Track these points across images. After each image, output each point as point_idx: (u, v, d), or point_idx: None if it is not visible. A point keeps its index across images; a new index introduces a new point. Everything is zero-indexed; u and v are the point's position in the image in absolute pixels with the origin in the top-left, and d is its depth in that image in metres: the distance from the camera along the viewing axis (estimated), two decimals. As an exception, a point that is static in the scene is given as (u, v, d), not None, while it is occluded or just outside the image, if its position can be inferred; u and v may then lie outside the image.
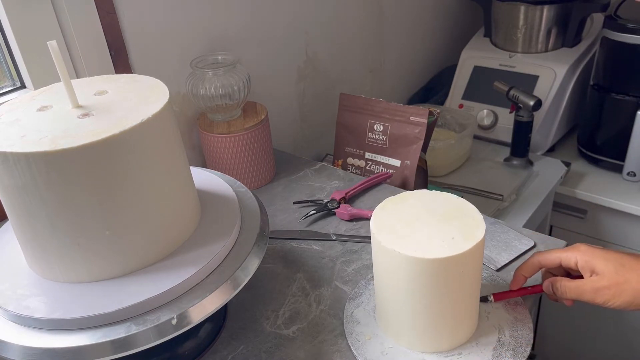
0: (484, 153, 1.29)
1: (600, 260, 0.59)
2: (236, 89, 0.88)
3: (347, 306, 0.67)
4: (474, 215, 0.58)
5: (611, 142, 1.23)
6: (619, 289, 0.57)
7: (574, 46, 1.32)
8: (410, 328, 0.59)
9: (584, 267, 0.60)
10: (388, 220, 0.58)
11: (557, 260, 0.62)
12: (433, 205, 0.60)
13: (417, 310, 0.57)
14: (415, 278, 0.55)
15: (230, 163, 0.90)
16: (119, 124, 0.50)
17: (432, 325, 0.58)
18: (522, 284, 0.65)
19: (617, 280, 0.57)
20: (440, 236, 0.55)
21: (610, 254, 0.59)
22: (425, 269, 0.54)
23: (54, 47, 0.52)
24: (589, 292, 0.58)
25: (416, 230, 0.56)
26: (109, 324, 0.50)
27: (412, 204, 0.60)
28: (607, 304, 0.58)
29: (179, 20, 0.89)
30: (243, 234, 0.61)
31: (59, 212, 0.50)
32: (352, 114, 1.00)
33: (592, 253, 0.60)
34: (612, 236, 1.26)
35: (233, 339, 0.65)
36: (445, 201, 0.60)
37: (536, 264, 0.64)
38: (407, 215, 0.59)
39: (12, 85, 0.78)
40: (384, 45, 1.36)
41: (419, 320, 0.58)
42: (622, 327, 1.32)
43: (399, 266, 0.55)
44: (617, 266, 0.58)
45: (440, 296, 0.56)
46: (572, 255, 0.61)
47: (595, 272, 0.59)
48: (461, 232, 0.55)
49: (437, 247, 0.54)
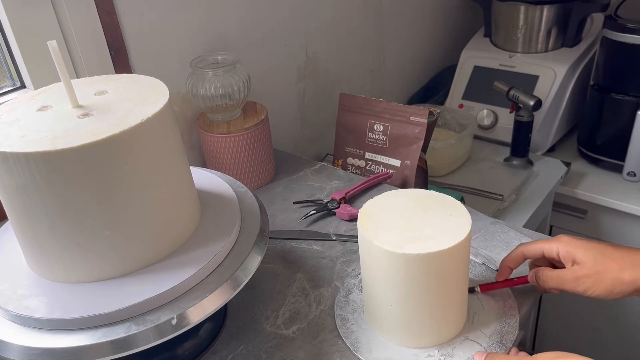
0: (484, 153, 1.29)
1: (581, 250, 0.60)
2: (236, 89, 0.88)
3: (336, 301, 0.67)
4: (460, 212, 0.59)
5: (611, 142, 1.23)
6: (599, 278, 0.58)
7: (574, 46, 1.32)
8: (398, 324, 0.60)
9: (566, 257, 0.61)
10: (375, 216, 0.59)
11: (540, 251, 0.63)
12: (420, 202, 0.61)
13: (405, 306, 0.58)
14: (401, 274, 0.56)
15: (230, 163, 0.90)
16: (119, 124, 0.50)
17: (421, 321, 0.59)
18: (507, 275, 0.66)
19: (597, 269, 0.58)
20: (427, 232, 0.56)
21: (591, 244, 0.60)
22: (412, 265, 0.55)
23: (54, 47, 0.52)
24: (570, 280, 0.60)
25: (403, 227, 0.57)
26: (109, 324, 0.50)
27: (399, 201, 0.61)
28: (588, 292, 0.59)
29: (178, 20, 0.89)
30: (243, 234, 0.61)
31: (58, 212, 0.50)
32: (352, 114, 1.00)
33: (573, 243, 0.61)
34: (612, 236, 1.26)
35: (233, 339, 0.65)
36: (431, 198, 0.61)
37: (520, 255, 0.65)
38: (394, 212, 0.60)
39: (12, 85, 0.78)
40: (384, 45, 1.36)
41: (407, 316, 0.59)
42: (622, 327, 1.32)
43: (386, 263, 0.56)
44: (597, 255, 0.59)
45: (428, 292, 0.57)
46: (554, 245, 0.62)
47: (576, 261, 0.60)
48: (448, 228, 0.56)
49: (424, 242, 0.55)
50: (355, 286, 0.69)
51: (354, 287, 0.69)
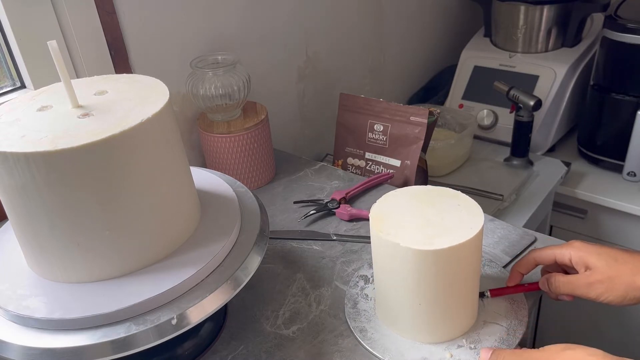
0: (484, 153, 1.29)
1: (593, 256, 0.59)
2: (236, 89, 0.88)
3: (347, 314, 0.66)
4: (471, 207, 0.58)
5: (611, 142, 1.23)
6: (612, 283, 0.57)
7: (574, 46, 1.32)
8: (426, 322, 0.60)
9: (578, 263, 0.60)
10: (387, 213, 0.59)
11: (552, 257, 0.63)
12: (424, 198, 0.61)
13: (434, 302, 0.58)
14: (415, 270, 0.56)
15: (230, 163, 0.90)
16: (119, 124, 0.50)
17: (449, 314, 0.59)
18: (518, 280, 0.66)
19: (610, 274, 0.57)
20: (447, 224, 0.56)
21: (604, 249, 0.60)
22: (424, 261, 0.55)
23: (54, 47, 0.52)
24: (582, 286, 0.59)
25: (414, 223, 0.57)
26: (109, 324, 0.50)
27: (405, 200, 0.61)
28: (601, 298, 0.58)
29: (178, 20, 0.89)
30: (243, 234, 0.61)
31: (58, 212, 0.50)
32: (352, 114, 1.00)
33: (585, 249, 0.60)
34: (612, 236, 1.26)
35: (233, 339, 0.65)
36: (432, 192, 0.62)
37: (532, 260, 0.64)
38: (405, 208, 0.60)
39: (12, 85, 0.78)
40: (384, 45, 1.36)
41: (435, 313, 0.59)
42: (622, 328, 1.32)
43: (398, 258, 0.56)
44: (609, 260, 0.58)
45: (456, 284, 0.57)
46: (567, 251, 0.61)
47: (588, 267, 0.59)
48: (463, 217, 0.56)
49: (451, 235, 0.55)
50: (359, 295, 0.68)
51: (359, 297, 0.68)
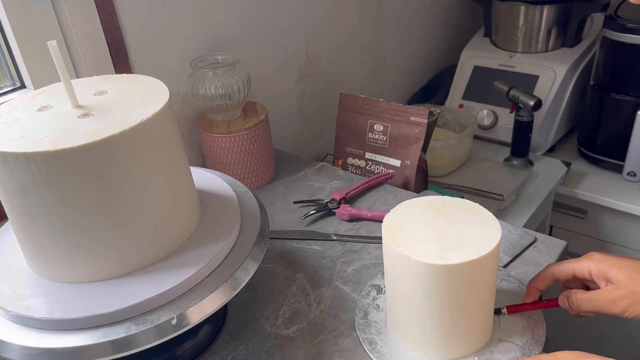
0: (484, 153, 1.29)
1: (614, 268, 0.56)
2: (236, 89, 0.88)
3: (357, 325, 0.65)
4: (488, 221, 0.56)
5: (611, 142, 1.23)
6: (636, 298, 0.54)
7: (574, 46, 1.32)
8: (438, 337, 0.57)
9: (598, 276, 0.57)
10: (400, 223, 0.57)
11: (571, 271, 0.59)
12: (439, 209, 0.58)
13: (446, 318, 0.56)
14: (425, 284, 0.54)
15: (230, 163, 0.90)
16: (119, 124, 0.50)
17: (461, 331, 0.57)
18: (536, 297, 0.62)
19: (633, 289, 0.54)
20: (462, 238, 0.54)
21: (624, 261, 0.56)
22: (436, 276, 0.53)
23: (54, 47, 0.52)
24: (605, 303, 0.56)
25: (428, 235, 0.55)
26: (109, 324, 0.50)
27: (418, 211, 0.59)
28: (625, 313, 0.55)
29: (178, 20, 0.88)
30: (243, 234, 0.61)
31: (58, 212, 0.50)
32: (352, 114, 1.00)
33: (605, 261, 0.57)
34: (612, 236, 1.26)
35: (233, 339, 0.65)
36: (447, 203, 0.59)
37: (549, 275, 0.61)
38: (419, 219, 0.57)
39: (12, 85, 0.78)
40: (384, 45, 1.36)
41: (447, 329, 0.56)
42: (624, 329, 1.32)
43: (409, 271, 0.54)
44: (631, 273, 0.55)
45: (469, 300, 0.55)
46: (585, 264, 0.58)
47: (609, 280, 0.56)
48: (480, 231, 0.54)
49: (450, 252, 0.53)
50: (370, 305, 0.66)
51: (370, 307, 0.66)
